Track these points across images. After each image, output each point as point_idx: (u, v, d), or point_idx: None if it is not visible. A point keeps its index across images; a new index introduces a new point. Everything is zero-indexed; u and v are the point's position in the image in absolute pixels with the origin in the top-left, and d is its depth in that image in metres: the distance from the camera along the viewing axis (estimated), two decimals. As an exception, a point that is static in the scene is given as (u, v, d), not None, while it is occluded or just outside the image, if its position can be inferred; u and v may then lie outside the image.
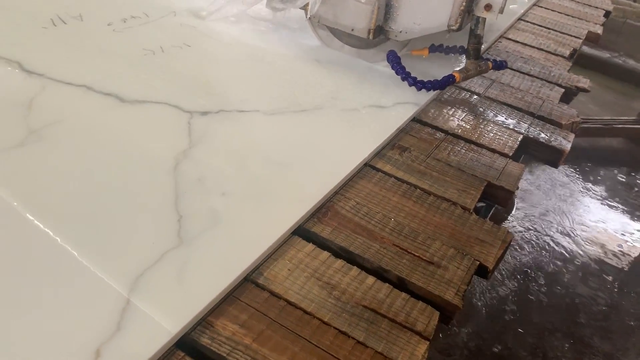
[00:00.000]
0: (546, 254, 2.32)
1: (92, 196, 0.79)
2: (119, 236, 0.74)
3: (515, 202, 2.55)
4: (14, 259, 0.68)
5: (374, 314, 0.71)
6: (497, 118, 1.24)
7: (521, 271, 2.20)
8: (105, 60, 1.13)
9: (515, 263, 2.24)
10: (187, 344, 0.64)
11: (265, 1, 1.33)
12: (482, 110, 1.26)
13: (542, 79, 1.48)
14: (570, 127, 1.28)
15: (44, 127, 0.90)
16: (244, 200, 0.84)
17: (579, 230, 2.49)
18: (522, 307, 2.04)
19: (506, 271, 2.19)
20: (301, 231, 0.83)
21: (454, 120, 1.20)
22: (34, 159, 0.84)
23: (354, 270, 0.77)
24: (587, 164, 2.99)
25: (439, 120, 1.18)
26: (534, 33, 1.80)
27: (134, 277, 0.68)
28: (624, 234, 2.53)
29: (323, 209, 0.88)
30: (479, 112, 1.25)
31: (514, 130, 1.21)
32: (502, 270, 2.18)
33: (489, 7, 1.11)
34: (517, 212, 2.54)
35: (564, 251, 2.35)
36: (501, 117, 1.25)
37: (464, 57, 1.40)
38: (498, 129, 1.20)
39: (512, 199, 1.10)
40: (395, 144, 1.08)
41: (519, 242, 2.35)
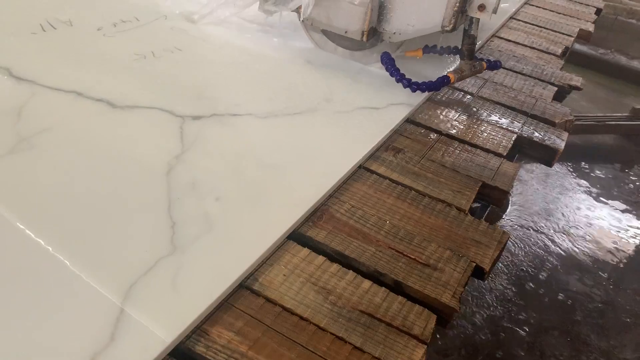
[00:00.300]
0: (541, 251, 2.32)
1: (83, 204, 0.78)
2: (111, 244, 0.73)
3: (510, 200, 2.55)
4: (3, 269, 0.67)
5: (370, 318, 0.71)
6: (491, 118, 1.24)
7: (516, 269, 2.21)
8: (95, 65, 1.12)
9: (510, 261, 2.24)
10: (182, 353, 0.63)
11: (257, 4, 1.32)
12: (475, 110, 1.26)
13: (534, 78, 1.48)
14: (564, 126, 1.28)
15: (34, 135, 0.89)
16: (238, 205, 0.84)
17: (573, 228, 2.49)
18: (518, 305, 2.04)
19: (501, 269, 2.19)
20: (296, 235, 0.82)
21: (448, 120, 1.19)
22: (24, 167, 0.83)
23: (350, 275, 0.76)
24: (580, 161, 3.00)
25: (432, 121, 1.18)
26: (525, 31, 1.81)
27: (128, 286, 0.67)
28: (618, 230, 2.54)
29: (318, 213, 0.87)
30: (472, 112, 1.25)
31: (507, 129, 1.21)
32: (497, 268, 2.19)
33: (482, 8, 1.10)
34: (511, 210, 2.55)
35: (558, 248, 2.35)
36: (495, 117, 1.25)
37: (458, 58, 1.40)
38: (492, 128, 1.20)
39: (507, 198, 1.10)
40: (389, 145, 1.08)
41: (514, 240, 2.35)
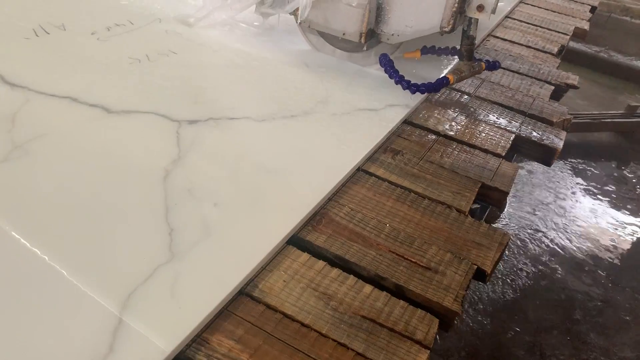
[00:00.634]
0: (539, 250, 2.32)
1: (79, 211, 0.77)
2: (108, 252, 0.72)
3: (508, 200, 2.55)
4: None
5: (372, 323, 0.70)
6: (489, 118, 1.24)
7: (515, 269, 2.20)
8: (90, 70, 1.11)
9: (509, 261, 2.24)
10: (182, 363, 0.62)
11: (254, 7, 1.31)
12: (473, 111, 1.25)
13: (531, 77, 1.48)
14: (562, 125, 1.28)
15: (28, 141, 0.88)
16: (236, 210, 0.83)
17: (571, 226, 2.49)
18: (517, 305, 2.04)
19: (500, 269, 2.19)
20: (296, 240, 0.81)
21: (446, 121, 1.19)
22: (18, 174, 0.82)
23: (351, 279, 0.76)
24: (577, 159, 3.00)
25: (430, 122, 1.17)
26: (521, 30, 1.80)
27: (126, 295, 0.66)
28: (616, 228, 2.54)
29: (317, 217, 0.86)
30: (470, 112, 1.25)
31: (505, 129, 1.20)
32: (496, 268, 2.18)
33: (481, 8, 1.10)
34: (509, 209, 2.54)
35: (557, 247, 2.35)
36: (492, 117, 1.24)
37: (454, 58, 1.39)
38: (490, 128, 1.19)
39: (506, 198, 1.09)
40: (388, 147, 1.07)
41: (511, 240, 2.35)
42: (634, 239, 2.50)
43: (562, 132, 1.24)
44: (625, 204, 2.73)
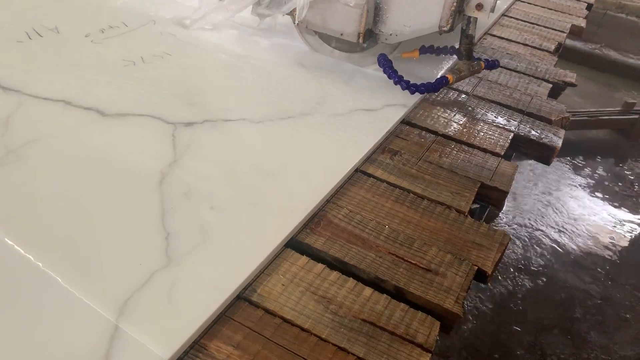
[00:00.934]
0: (539, 249, 2.32)
1: (74, 217, 0.76)
2: (104, 258, 0.71)
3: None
4: (-7, 288, 0.65)
5: (373, 327, 0.69)
6: (487, 117, 1.23)
7: (515, 267, 2.20)
8: (84, 73, 1.10)
9: (508, 259, 2.23)
10: (180, 370, 0.61)
11: (250, 8, 1.30)
12: (471, 110, 1.25)
13: (529, 75, 1.47)
14: (560, 123, 1.27)
15: (22, 146, 0.87)
16: (233, 214, 0.82)
17: (569, 224, 2.49)
18: (517, 304, 2.03)
19: (499, 268, 2.18)
20: (294, 243, 0.80)
21: (444, 120, 1.18)
22: (12, 179, 0.81)
23: (350, 282, 0.75)
24: (574, 156, 3.00)
25: (428, 122, 1.16)
26: (518, 29, 1.80)
27: (122, 301, 0.65)
28: (614, 225, 2.54)
29: (315, 219, 0.85)
30: (468, 111, 1.24)
31: (504, 128, 1.19)
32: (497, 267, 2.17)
33: (480, 7, 1.09)
34: (507, 208, 2.54)
35: (556, 245, 2.35)
36: (491, 116, 1.23)
37: (452, 57, 1.38)
38: (488, 127, 1.18)
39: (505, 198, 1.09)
40: (386, 147, 1.06)
41: (511, 238, 2.34)
42: (633, 236, 2.50)
43: (560, 130, 1.23)
44: (624, 201, 2.72)
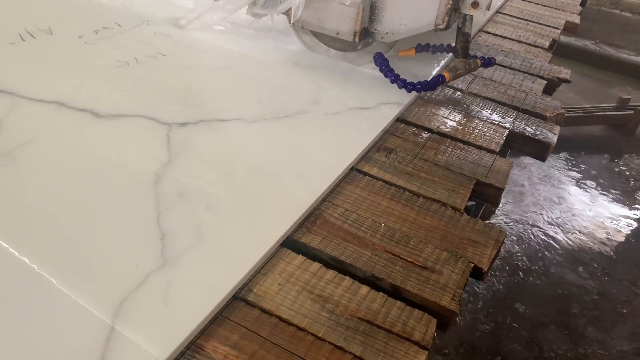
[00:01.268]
0: (534, 245, 2.32)
1: (68, 219, 0.76)
2: (99, 259, 0.71)
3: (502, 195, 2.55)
4: (-12, 291, 0.64)
5: (369, 325, 0.69)
6: (482, 114, 1.23)
7: (511, 264, 2.20)
8: (77, 74, 1.09)
9: (505, 256, 2.24)
10: (176, 370, 0.61)
11: (246, 8, 1.30)
12: (466, 107, 1.25)
13: (523, 72, 1.47)
14: (555, 119, 1.27)
15: (15, 148, 0.87)
16: (229, 214, 0.81)
17: (566, 220, 2.49)
18: (514, 300, 2.03)
19: (495, 265, 2.18)
20: (290, 242, 0.80)
21: (439, 118, 1.18)
22: (5, 182, 0.80)
23: (347, 281, 0.75)
24: (570, 152, 3.01)
25: (423, 119, 1.16)
26: (512, 25, 1.80)
27: (118, 303, 0.65)
28: (610, 220, 2.55)
29: (311, 218, 0.85)
30: (463, 108, 1.24)
31: (499, 125, 1.19)
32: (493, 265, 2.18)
33: (475, 5, 1.09)
34: (503, 204, 2.54)
35: (552, 241, 2.35)
36: (486, 113, 1.23)
37: (448, 55, 1.38)
38: (483, 124, 1.18)
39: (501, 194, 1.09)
40: (381, 145, 1.06)
41: (508, 235, 2.35)
42: (628, 231, 2.51)
43: (555, 126, 1.24)
44: (619, 197, 2.73)
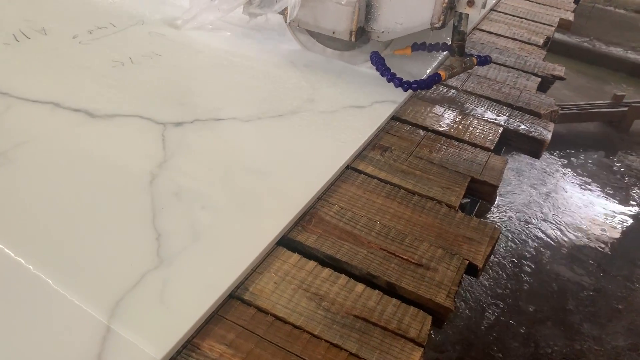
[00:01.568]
0: (530, 242, 2.33)
1: (64, 219, 0.76)
2: (95, 259, 0.71)
3: (497, 192, 2.56)
4: (-16, 292, 0.64)
5: (365, 323, 0.69)
6: (476, 111, 1.23)
7: (507, 261, 2.21)
8: (72, 74, 1.09)
9: (500, 253, 2.25)
10: (173, 369, 0.62)
11: (242, 8, 1.30)
12: (460, 105, 1.25)
13: (518, 69, 1.48)
14: (550, 117, 1.28)
15: (10, 149, 0.87)
16: (224, 213, 0.82)
17: (561, 216, 2.50)
18: (510, 297, 2.04)
19: (491, 261, 2.19)
20: (285, 241, 0.81)
21: (433, 116, 1.18)
22: (1, 182, 0.80)
23: (342, 279, 0.75)
24: (565, 149, 3.02)
25: (418, 117, 1.17)
26: (506, 23, 1.80)
27: (114, 302, 0.65)
28: (605, 217, 2.56)
29: (307, 216, 0.85)
30: (457, 106, 1.24)
31: (493, 122, 1.20)
32: (488, 261, 2.18)
33: (471, 3, 1.09)
34: (498, 201, 2.55)
35: (548, 238, 2.36)
36: (480, 110, 1.24)
37: (444, 54, 1.39)
38: (478, 122, 1.19)
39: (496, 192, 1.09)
40: (376, 144, 1.06)
41: (503, 232, 2.36)
42: (624, 227, 2.52)
43: (550, 123, 1.24)
44: (614, 193, 2.74)
